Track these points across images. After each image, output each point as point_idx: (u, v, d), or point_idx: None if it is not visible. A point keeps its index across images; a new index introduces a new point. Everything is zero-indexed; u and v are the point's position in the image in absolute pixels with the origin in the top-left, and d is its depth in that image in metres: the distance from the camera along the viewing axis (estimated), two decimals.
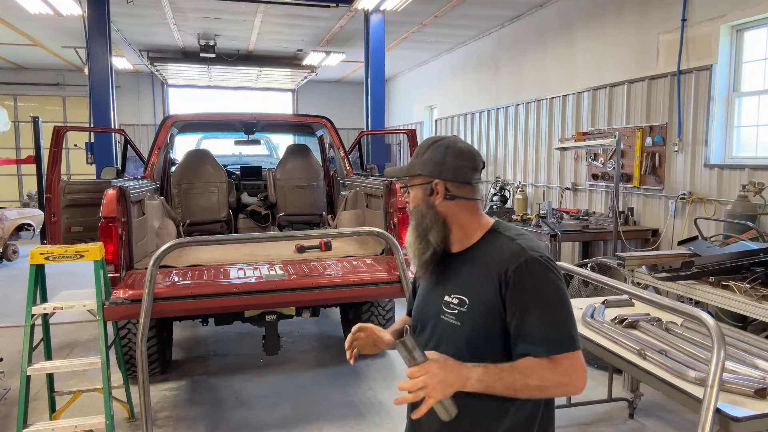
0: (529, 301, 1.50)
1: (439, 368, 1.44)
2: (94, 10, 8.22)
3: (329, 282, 4.06)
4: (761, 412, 2.20)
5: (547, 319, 1.50)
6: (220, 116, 8.07)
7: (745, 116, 5.67)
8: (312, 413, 4.26)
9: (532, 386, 1.46)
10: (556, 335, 1.49)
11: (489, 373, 1.46)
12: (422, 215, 1.67)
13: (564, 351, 1.48)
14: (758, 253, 3.84)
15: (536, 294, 1.51)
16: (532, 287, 1.51)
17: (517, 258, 1.54)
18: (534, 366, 1.47)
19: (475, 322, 1.57)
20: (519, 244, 1.58)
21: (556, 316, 1.51)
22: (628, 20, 6.89)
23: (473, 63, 11.24)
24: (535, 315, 1.50)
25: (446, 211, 1.65)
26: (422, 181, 1.67)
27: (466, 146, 1.68)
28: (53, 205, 5.13)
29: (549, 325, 1.50)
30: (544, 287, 1.52)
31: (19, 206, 12.33)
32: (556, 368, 1.47)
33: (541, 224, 6.42)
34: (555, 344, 1.48)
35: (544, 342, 1.48)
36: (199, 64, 12.75)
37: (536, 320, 1.50)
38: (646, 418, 4.12)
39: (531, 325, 1.50)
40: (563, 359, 1.48)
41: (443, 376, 1.43)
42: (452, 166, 1.64)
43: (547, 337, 1.49)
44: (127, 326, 4.40)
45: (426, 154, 1.67)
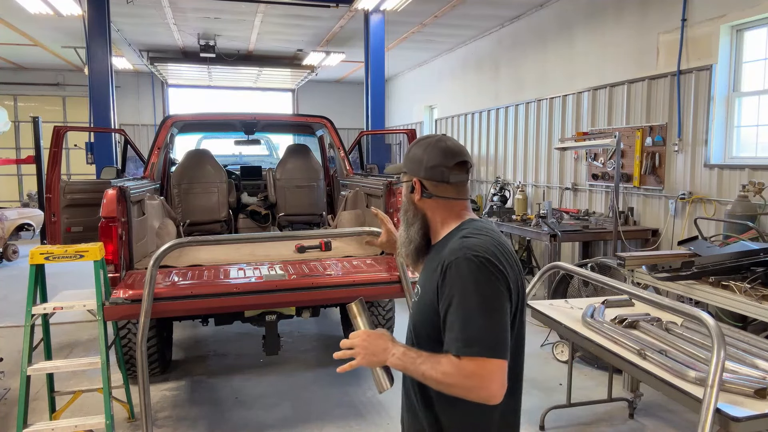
0: (452, 298, 1.51)
1: (370, 338, 1.60)
2: (94, 10, 8.21)
3: (329, 282, 4.06)
4: (761, 412, 2.20)
5: (462, 319, 1.48)
6: (220, 116, 8.07)
7: (745, 116, 5.67)
8: (312, 413, 4.26)
9: (437, 379, 1.48)
10: (466, 336, 1.46)
11: (407, 356, 1.54)
12: (405, 210, 1.76)
13: (470, 354, 1.44)
14: (758, 253, 3.84)
15: (458, 292, 1.50)
16: (456, 285, 1.51)
17: (453, 254, 1.55)
18: (444, 361, 1.47)
19: (420, 311, 1.65)
20: (461, 242, 1.57)
21: (471, 318, 1.47)
22: (628, 20, 6.89)
23: (473, 63, 11.24)
24: (453, 312, 1.50)
25: (425, 207, 1.71)
26: (407, 179, 1.75)
27: (450, 145, 1.67)
28: (53, 205, 5.13)
29: (463, 325, 1.47)
30: (467, 287, 1.49)
31: (19, 206, 12.33)
32: (462, 369, 1.45)
33: (541, 224, 6.42)
34: (463, 345, 1.46)
35: (456, 340, 1.47)
36: (199, 64, 12.75)
37: (453, 317, 1.50)
38: (646, 418, 4.12)
39: (449, 321, 1.51)
40: (469, 362, 1.44)
41: (370, 346, 1.59)
42: (429, 165, 1.66)
43: (459, 336, 1.47)
44: (127, 326, 4.40)
45: (410, 152, 1.73)
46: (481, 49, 10.92)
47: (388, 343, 1.59)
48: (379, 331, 1.63)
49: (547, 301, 3.99)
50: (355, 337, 1.63)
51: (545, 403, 4.14)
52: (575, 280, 5.59)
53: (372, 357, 1.58)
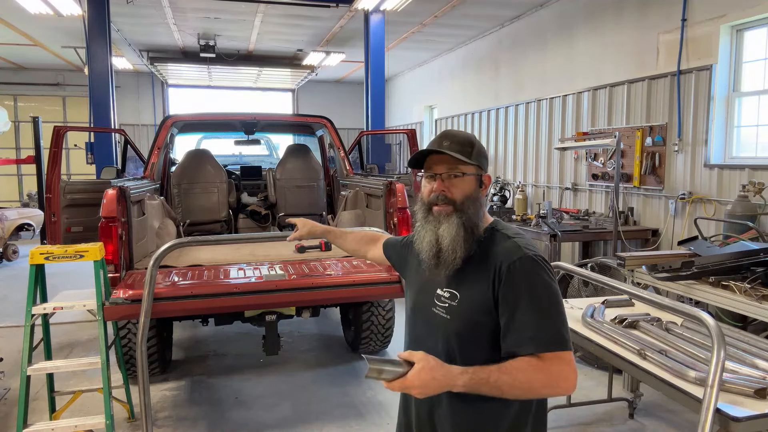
0: (520, 298, 1.49)
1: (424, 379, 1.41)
2: (94, 10, 8.22)
3: (329, 282, 4.06)
4: (761, 412, 2.20)
5: (537, 317, 1.48)
6: (220, 116, 8.07)
7: (745, 116, 5.67)
8: (312, 413, 4.26)
9: (519, 387, 1.44)
10: (546, 333, 1.47)
11: (475, 379, 1.43)
12: (477, 206, 1.63)
13: (553, 350, 1.46)
14: (758, 253, 3.84)
15: (528, 291, 1.49)
16: (525, 284, 1.50)
17: (512, 255, 1.53)
18: (522, 366, 1.44)
19: (464, 316, 1.57)
20: (515, 242, 1.57)
21: (546, 315, 1.49)
22: (628, 20, 6.89)
23: (473, 63, 11.24)
24: (526, 311, 1.48)
25: (483, 204, 1.68)
26: (476, 172, 1.65)
27: None
28: (53, 205, 5.12)
29: (539, 323, 1.47)
30: (537, 285, 1.51)
31: (19, 206, 12.33)
32: (545, 368, 1.44)
33: (541, 224, 6.42)
34: (544, 342, 1.46)
35: (533, 339, 1.46)
36: (199, 64, 12.75)
37: (526, 317, 1.48)
38: (646, 418, 4.12)
39: (521, 321, 1.48)
40: (552, 358, 1.45)
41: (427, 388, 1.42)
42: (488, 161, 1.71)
43: (537, 334, 1.46)
44: (127, 326, 4.40)
45: (476, 148, 1.65)
46: (481, 49, 10.92)
47: (447, 377, 1.43)
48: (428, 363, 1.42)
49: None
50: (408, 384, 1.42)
51: None
52: (575, 280, 5.59)
53: (432, 391, 1.44)
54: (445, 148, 1.61)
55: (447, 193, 1.61)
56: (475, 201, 1.62)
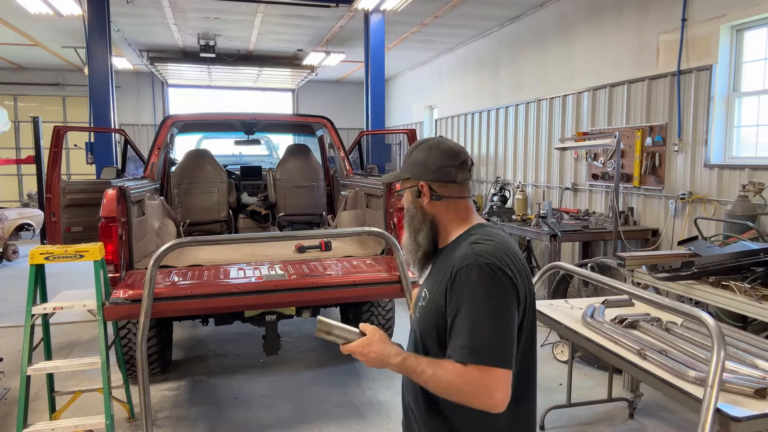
0: (460, 304, 1.50)
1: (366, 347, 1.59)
2: (94, 10, 8.21)
3: (329, 282, 4.06)
4: (761, 412, 2.20)
5: (469, 326, 1.47)
6: (220, 116, 8.07)
7: (745, 116, 5.67)
8: (312, 413, 4.26)
9: (438, 385, 1.48)
10: (473, 344, 1.45)
11: (405, 365, 1.54)
12: (412, 217, 1.73)
13: (476, 362, 1.44)
14: (758, 253, 3.84)
15: (467, 299, 1.49)
16: (466, 291, 1.50)
17: (463, 260, 1.53)
18: (449, 368, 1.46)
19: (426, 316, 1.63)
20: (473, 248, 1.55)
21: (479, 325, 1.46)
22: (628, 20, 6.89)
23: (473, 63, 11.24)
24: (463, 319, 1.49)
25: (434, 211, 1.70)
26: (411, 184, 1.72)
27: (451, 145, 1.70)
28: (53, 205, 5.13)
29: (471, 332, 1.46)
30: (477, 294, 1.48)
31: (19, 206, 12.34)
32: (464, 375, 1.44)
33: (541, 224, 6.42)
34: (469, 352, 1.45)
35: (462, 347, 1.46)
36: (199, 64, 12.75)
37: (461, 323, 1.49)
38: (646, 418, 4.12)
39: (458, 327, 1.49)
40: (473, 370, 1.44)
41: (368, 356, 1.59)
42: (436, 167, 1.67)
43: (466, 342, 1.46)
44: (127, 326, 4.40)
45: (411, 157, 1.72)
46: (481, 49, 10.92)
47: (385, 350, 1.58)
48: (374, 338, 1.60)
49: (547, 301, 3.99)
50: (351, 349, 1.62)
51: (545, 403, 4.14)
52: (575, 280, 5.59)
53: (371, 364, 1.59)
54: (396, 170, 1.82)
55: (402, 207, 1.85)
56: (411, 213, 1.73)
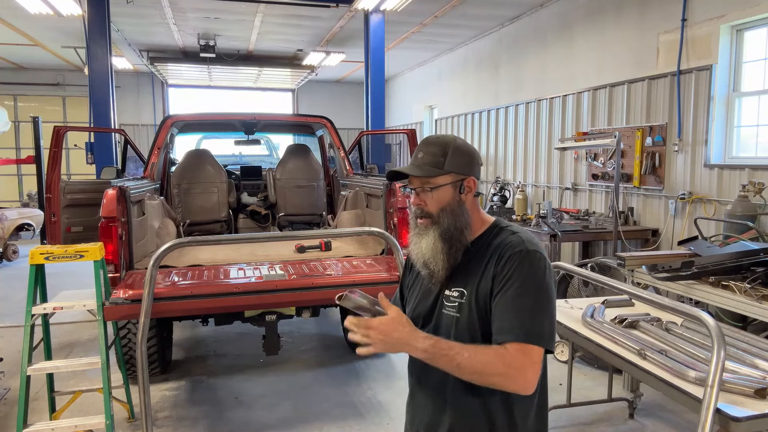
0: (511, 285, 1.51)
1: (387, 328, 1.48)
2: (94, 10, 8.21)
3: (329, 282, 4.06)
4: (761, 412, 2.20)
5: (525, 308, 1.49)
6: (220, 116, 8.07)
7: (745, 116, 5.67)
8: (312, 413, 4.26)
9: (474, 367, 1.44)
10: (530, 325, 1.47)
11: (437, 347, 1.47)
12: (455, 215, 1.63)
13: (532, 342, 1.46)
14: (758, 253, 3.84)
15: (521, 281, 1.51)
16: (520, 273, 1.52)
17: (514, 246, 1.56)
18: (487, 350, 1.47)
19: (472, 310, 1.58)
20: (521, 237, 1.60)
21: (534, 308, 1.49)
22: (628, 20, 6.89)
23: (473, 63, 11.24)
24: (514, 299, 1.49)
25: (471, 207, 1.67)
26: (452, 180, 1.64)
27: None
28: (53, 205, 5.13)
29: (526, 314, 1.48)
30: (531, 276, 1.52)
31: (19, 206, 12.33)
32: (511, 357, 1.45)
33: (541, 224, 6.42)
34: (520, 333, 1.46)
35: (513, 327, 1.47)
36: (199, 64, 12.75)
37: (514, 304, 1.49)
38: (646, 418, 4.12)
39: (508, 308, 1.50)
40: (519, 350, 1.45)
41: (387, 338, 1.48)
42: (477, 163, 1.68)
43: (523, 323, 1.47)
44: (127, 326, 4.40)
45: (450, 154, 1.64)
46: (481, 49, 10.92)
47: (414, 332, 1.50)
48: (402, 318, 1.52)
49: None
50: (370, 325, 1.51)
51: None
52: (575, 280, 5.59)
53: (389, 348, 1.50)
54: (418, 161, 1.64)
55: (423, 207, 1.65)
56: (453, 211, 1.63)
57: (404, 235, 4.57)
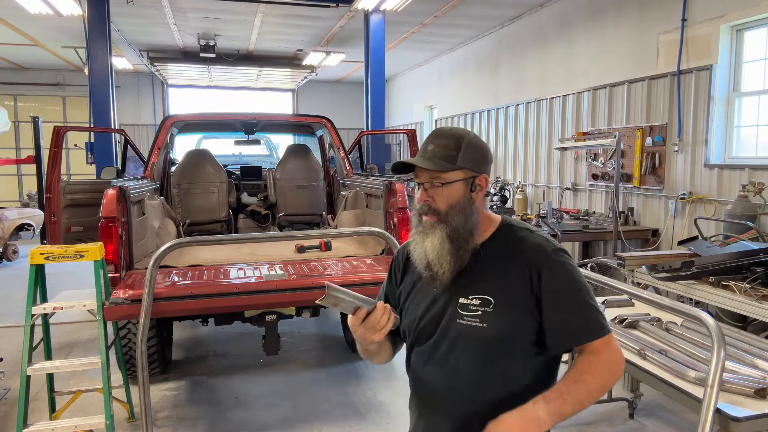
0: (564, 292, 1.49)
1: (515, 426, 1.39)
2: (94, 10, 8.22)
3: (329, 282, 4.05)
4: (761, 412, 2.20)
5: (585, 307, 1.50)
6: (220, 116, 8.07)
7: (745, 116, 5.67)
8: (312, 413, 4.26)
9: (593, 390, 1.45)
10: (596, 321, 1.49)
11: (554, 402, 1.41)
12: (466, 215, 1.52)
13: (606, 333, 1.49)
14: (758, 253, 3.84)
15: (570, 284, 1.51)
16: (565, 278, 1.51)
17: (544, 251, 1.53)
18: (584, 367, 1.46)
19: (503, 320, 1.48)
20: (541, 236, 1.58)
21: (589, 304, 1.51)
22: (628, 20, 6.89)
23: (473, 63, 11.24)
24: (573, 304, 1.49)
25: (480, 206, 1.58)
26: (464, 176, 1.52)
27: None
28: (53, 205, 5.12)
29: (588, 313, 1.49)
30: (575, 279, 1.52)
31: (19, 206, 12.33)
32: (601, 356, 1.47)
33: (541, 224, 6.42)
34: (598, 329, 1.48)
35: (588, 329, 1.48)
36: (199, 64, 12.76)
37: (574, 310, 1.49)
38: (646, 418, 4.12)
39: (570, 315, 1.48)
40: (603, 345, 1.48)
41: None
42: (489, 161, 1.60)
43: (590, 324, 1.48)
44: (127, 326, 4.40)
45: (463, 149, 1.52)
46: (481, 49, 10.92)
47: (525, 417, 1.39)
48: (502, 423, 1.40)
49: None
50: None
51: None
52: None
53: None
54: (429, 154, 1.52)
55: (431, 203, 1.53)
56: (464, 209, 1.51)
57: (404, 235, 4.57)
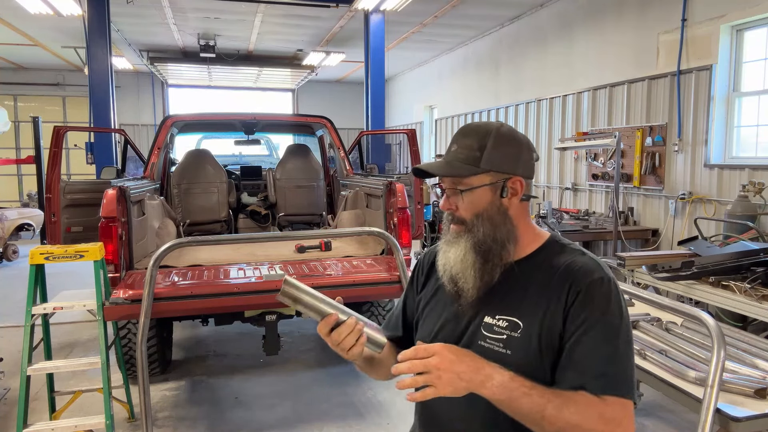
0: (594, 324, 1.23)
1: (455, 356, 1.17)
2: (94, 10, 8.22)
3: (329, 282, 4.06)
4: (761, 412, 2.20)
5: (610, 351, 1.22)
6: (220, 116, 8.07)
7: (745, 116, 5.67)
8: (312, 413, 4.26)
9: (566, 421, 1.15)
10: (616, 373, 1.21)
11: (517, 383, 1.17)
12: (495, 224, 1.32)
13: (620, 394, 1.19)
14: (758, 253, 3.84)
15: (604, 318, 1.23)
16: (602, 310, 1.24)
17: (591, 274, 1.27)
18: (580, 400, 1.18)
19: (530, 349, 1.26)
20: (593, 260, 1.31)
21: (620, 352, 1.23)
22: (628, 20, 6.89)
23: (473, 63, 11.24)
24: (598, 342, 1.21)
25: (517, 214, 1.36)
26: (491, 180, 1.32)
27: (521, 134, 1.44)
28: (53, 205, 5.12)
29: (611, 359, 1.21)
30: (615, 314, 1.25)
31: (19, 206, 12.33)
32: (604, 412, 1.17)
33: (541, 224, 6.42)
34: (613, 383, 1.19)
35: (602, 376, 1.19)
36: (199, 64, 12.77)
37: (598, 349, 1.21)
38: (646, 418, 4.12)
39: (591, 352, 1.21)
40: (615, 403, 1.18)
41: (456, 367, 1.15)
42: (527, 159, 1.36)
43: (606, 371, 1.20)
44: (127, 326, 4.40)
45: (488, 148, 1.32)
46: (481, 49, 10.92)
47: (480, 364, 1.18)
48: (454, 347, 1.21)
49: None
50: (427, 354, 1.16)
51: None
52: None
53: (459, 383, 1.15)
54: (450, 156, 1.35)
55: (455, 212, 1.36)
56: (492, 218, 1.32)
57: (404, 235, 4.57)
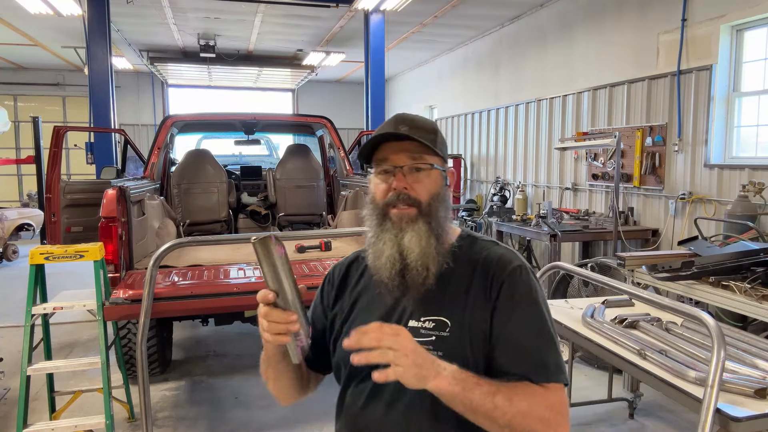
0: (524, 314, 1.23)
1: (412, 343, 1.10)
2: (94, 10, 8.22)
3: None
4: (761, 412, 2.20)
5: (545, 339, 1.23)
6: (220, 116, 8.08)
7: (745, 116, 5.67)
8: (312, 413, 4.25)
9: (516, 409, 1.13)
10: (556, 361, 1.23)
11: (465, 374, 1.13)
12: (446, 209, 1.29)
13: (560, 380, 1.21)
14: (758, 253, 3.84)
15: (531, 307, 1.25)
16: (528, 299, 1.25)
17: (510, 263, 1.27)
18: (526, 389, 1.17)
19: (462, 346, 1.22)
20: (508, 250, 1.32)
21: (552, 338, 1.25)
22: (628, 20, 6.89)
23: (473, 63, 11.24)
24: (532, 331, 1.23)
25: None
26: (442, 165, 1.31)
27: None
28: (53, 205, 5.13)
29: (546, 347, 1.23)
30: (538, 302, 1.27)
31: (19, 206, 12.33)
32: (548, 398, 1.18)
33: (541, 224, 6.42)
34: (554, 371, 1.21)
35: (542, 365, 1.21)
36: (199, 64, 12.76)
37: (533, 339, 1.22)
38: (646, 418, 4.12)
39: (527, 342, 1.22)
40: (557, 390, 1.20)
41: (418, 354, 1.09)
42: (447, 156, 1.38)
43: (546, 360, 1.21)
44: (127, 326, 4.40)
45: (439, 135, 1.32)
46: (481, 49, 10.92)
47: (432, 356, 1.13)
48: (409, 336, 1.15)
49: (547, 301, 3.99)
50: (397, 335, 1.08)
51: None
52: (575, 280, 5.59)
53: (419, 371, 1.08)
54: (407, 130, 1.25)
55: (410, 192, 1.24)
56: (444, 202, 1.28)
57: None
